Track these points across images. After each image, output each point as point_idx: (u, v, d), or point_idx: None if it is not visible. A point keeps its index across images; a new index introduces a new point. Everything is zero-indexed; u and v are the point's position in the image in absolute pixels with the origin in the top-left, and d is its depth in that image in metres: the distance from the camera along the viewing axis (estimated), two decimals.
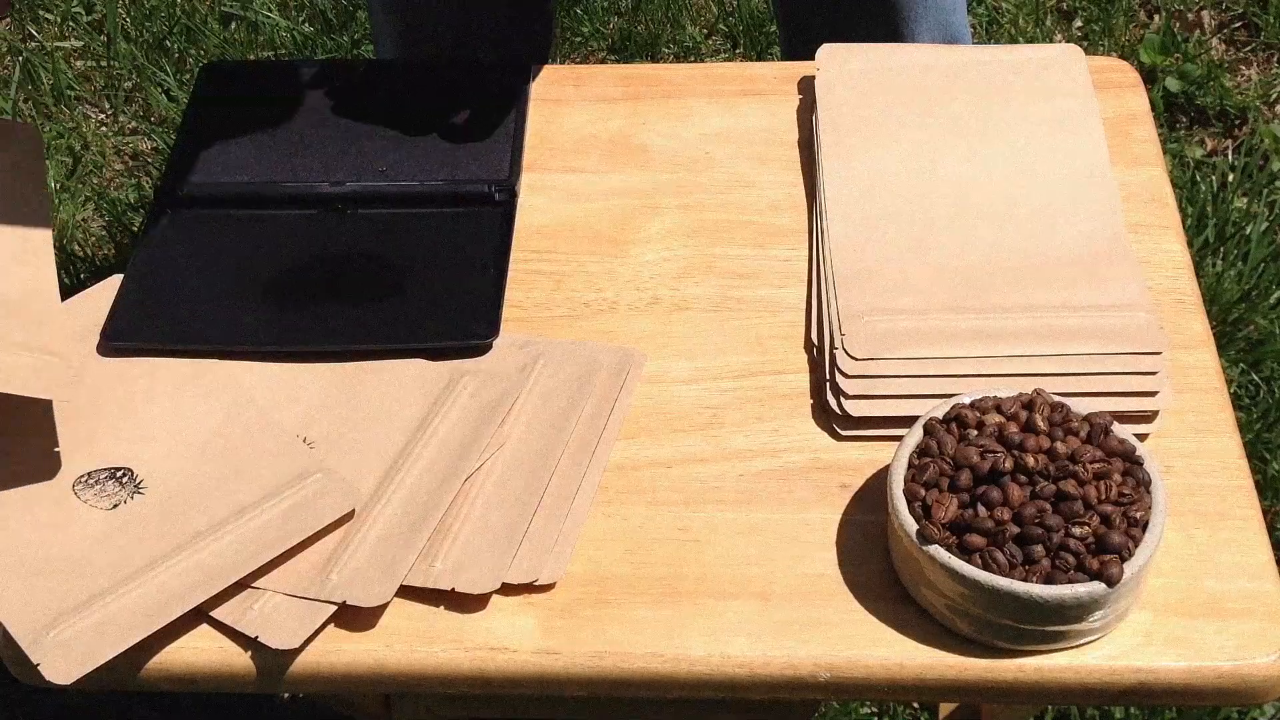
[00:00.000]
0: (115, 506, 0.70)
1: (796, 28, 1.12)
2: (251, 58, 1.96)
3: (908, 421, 0.70)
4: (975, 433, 0.66)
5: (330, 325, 0.78)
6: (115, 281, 0.81)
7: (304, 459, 0.71)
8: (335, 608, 0.66)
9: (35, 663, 0.64)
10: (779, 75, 0.93)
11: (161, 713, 1.32)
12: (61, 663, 0.64)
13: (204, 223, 0.84)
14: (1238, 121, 1.86)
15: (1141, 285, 0.76)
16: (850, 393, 0.73)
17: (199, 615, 0.67)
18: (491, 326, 0.77)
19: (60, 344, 0.73)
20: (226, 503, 0.70)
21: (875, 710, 1.36)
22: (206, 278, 0.81)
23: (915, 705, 1.34)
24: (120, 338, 0.78)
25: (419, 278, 0.81)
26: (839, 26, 1.04)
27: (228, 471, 0.71)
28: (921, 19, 1.04)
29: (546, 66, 0.94)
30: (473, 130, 0.88)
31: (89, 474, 0.72)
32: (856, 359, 0.73)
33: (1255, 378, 1.56)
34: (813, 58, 0.90)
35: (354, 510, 0.69)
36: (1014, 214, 0.81)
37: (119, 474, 0.71)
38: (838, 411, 0.73)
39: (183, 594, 0.66)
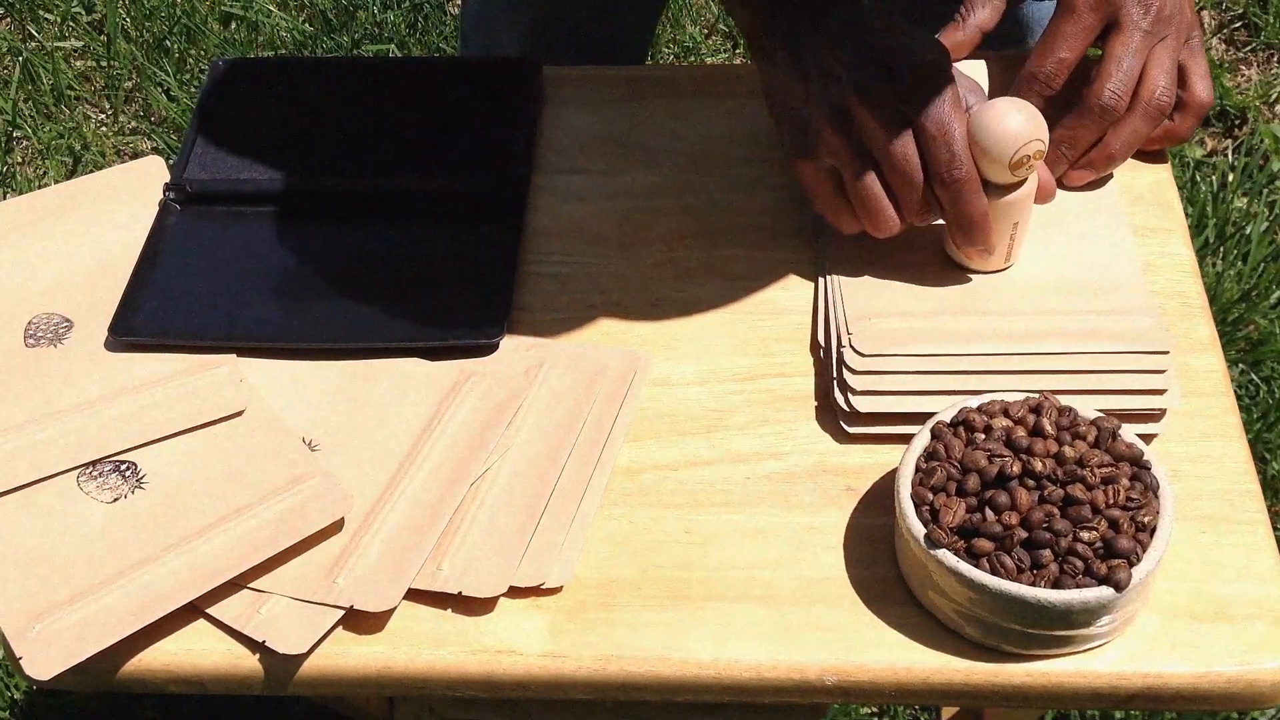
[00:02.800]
0: (115, 500, 0.70)
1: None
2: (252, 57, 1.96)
3: (914, 419, 0.70)
4: (983, 436, 0.66)
5: (337, 323, 0.78)
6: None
7: (304, 462, 0.71)
8: (343, 612, 0.66)
9: (18, 656, 0.63)
10: None
11: (163, 713, 1.32)
12: (43, 657, 0.63)
13: (212, 218, 0.84)
14: (1238, 121, 1.86)
15: (1146, 292, 0.76)
16: (858, 389, 0.73)
17: (195, 614, 0.66)
18: (498, 326, 0.77)
19: None
20: (223, 502, 0.69)
21: (875, 711, 1.36)
22: (214, 273, 0.81)
23: (916, 707, 1.34)
24: (128, 332, 0.78)
25: (426, 276, 0.80)
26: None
27: (229, 471, 0.71)
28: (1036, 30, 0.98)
29: (548, 67, 0.94)
30: (483, 129, 0.88)
31: (94, 465, 0.71)
32: (864, 355, 0.73)
33: (1255, 378, 1.56)
34: None
35: (344, 518, 0.69)
36: None
37: (123, 467, 0.71)
38: (845, 408, 0.73)
39: (170, 593, 0.65)
